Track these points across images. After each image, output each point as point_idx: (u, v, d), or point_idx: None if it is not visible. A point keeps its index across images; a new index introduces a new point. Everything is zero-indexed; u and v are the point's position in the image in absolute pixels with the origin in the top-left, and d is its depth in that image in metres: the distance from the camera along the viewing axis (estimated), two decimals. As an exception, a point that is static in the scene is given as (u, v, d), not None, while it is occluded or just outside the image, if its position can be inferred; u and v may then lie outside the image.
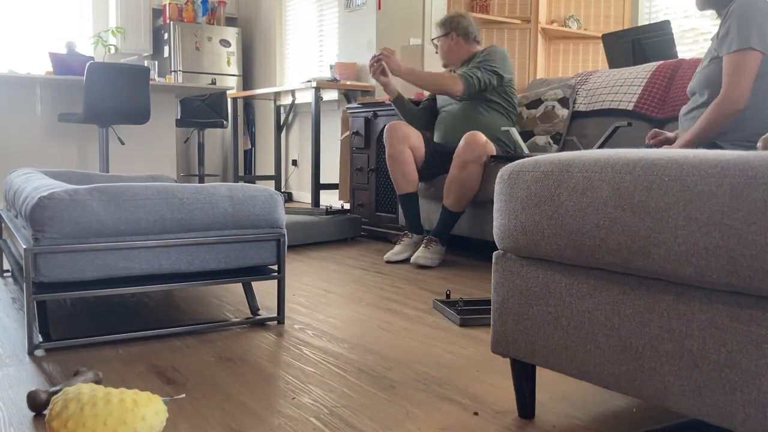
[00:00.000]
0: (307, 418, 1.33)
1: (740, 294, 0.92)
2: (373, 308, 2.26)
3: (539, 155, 1.24)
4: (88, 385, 1.18)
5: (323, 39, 6.45)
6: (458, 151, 3.04)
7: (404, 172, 3.19)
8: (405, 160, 3.17)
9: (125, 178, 2.80)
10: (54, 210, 1.65)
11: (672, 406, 1.01)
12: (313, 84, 5.09)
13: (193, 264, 1.86)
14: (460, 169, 3.02)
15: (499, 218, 1.26)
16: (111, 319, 2.06)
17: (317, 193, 5.13)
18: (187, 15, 7.09)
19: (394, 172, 3.22)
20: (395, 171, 3.21)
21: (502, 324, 1.29)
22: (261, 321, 2.04)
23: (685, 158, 0.98)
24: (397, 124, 3.22)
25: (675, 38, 3.43)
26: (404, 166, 3.18)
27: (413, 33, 5.53)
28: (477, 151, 3.00)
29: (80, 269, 1.70)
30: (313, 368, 1.63)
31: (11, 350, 1.73)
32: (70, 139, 4.74)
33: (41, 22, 6.95)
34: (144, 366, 1.62)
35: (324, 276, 2.83)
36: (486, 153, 3.03)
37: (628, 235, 1.02)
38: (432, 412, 1.36)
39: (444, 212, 3.11)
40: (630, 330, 1.06)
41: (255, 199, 1.93)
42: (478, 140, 3.02)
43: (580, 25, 4.82)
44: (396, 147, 3.17)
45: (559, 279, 1.17)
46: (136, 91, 4.24)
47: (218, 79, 7.13)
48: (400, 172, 3.19)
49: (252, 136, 7.53)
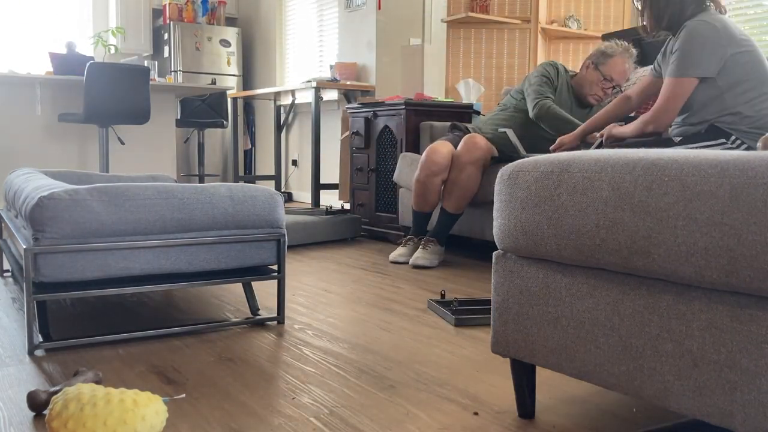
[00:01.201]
0: (307, 418, 1.33)
1: (740, 294, 0.92)
2: (373, 308, 2.26)
3: (540, 156, 1.24)
4: (88, 385, 1.18)
5: (323, 39, 6.45)
6: (456, 154, 3.04)
7: (428, 198, 3.16)
8: (433, 191, 3.14)
9: (125, 178, 2.80)
10: (54, 210, 1.65)
11: (672, 406, 1.01)
12: (313, 84, 5.09)
13: (193, 264, 1.86)
14: (459, 171, 3.02)
15: (499, 218, 1.26)
16: (111, 319, 2.06)
17: (317, 193, 5.13)
18: (187, 15, 7.09)
19: (418, 195, 3.17)
20: (420, 195, 3.16)
21: (502, 324, 1.29)
22: (261, 321, 2.04)
23: (685, 158, 0.98)
24: (436, 152, 3.11)
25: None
26: (430, 194, 3.15)
27: (413, 33, 5.53)
28: (475, 154, 3.01)
29: (80, 269, 1.70)
30: (313, 368, 1.63)
31: (11, 350, 1.73)
32: (70, 139, 4.74)
33: (41, 22, 6.95)
34: (144, 366, 1.62)
35: (324, 276, 2.83)
36: (484, 156, 3.03)
37: (628, 235, 1.02)
38: (432, 412, 1.36)
39: (443, 214, 3.11)
40: (630, 330, 1.06)
41: (255, 199, 1.93)
42: (477, 143, 3.02)
43: (580, 25, 4.82)
44: (429, 178, 3.12)
45: (559, 279, 1.17)
46: (136, 91, 4.24)
47: (218, 79, 7.13)
48: (424, 197, 3.16)
49: (252, 136, 7.53)
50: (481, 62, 4.71)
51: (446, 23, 4.71)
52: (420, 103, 3.77)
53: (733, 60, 2.15)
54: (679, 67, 2.19)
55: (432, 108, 3.82)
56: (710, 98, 2.20)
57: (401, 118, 3.74)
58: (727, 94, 2.17)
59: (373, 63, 5.52)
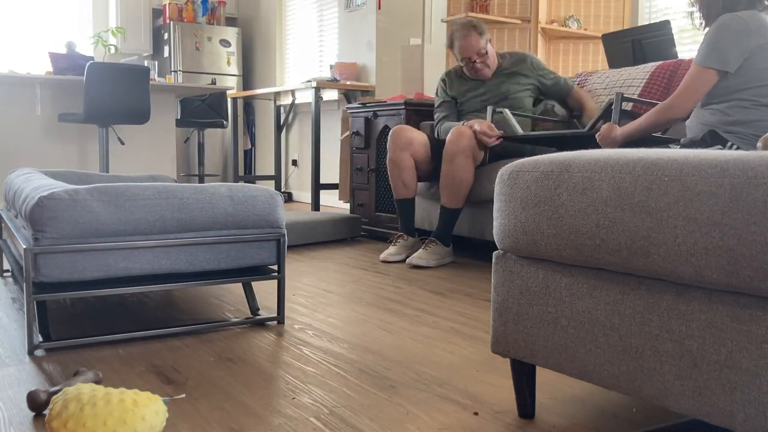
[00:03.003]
0: (307, 418, 1.33)
1: (740, 294, 0.92)
2: (373, 308, 2.26)
3: (540, 156, 1.24)
4: (88, 385, 1.18)
5: (323, 39, 6.44)
6: (446, 145, 3.05)
7: (403, 178, 3.19)
8: (405, 167, 3.17)
9: (125, 178, 2.80)
10: (54, 210, 1.65)
11: (672, 406, 1.01)
12: (313, 84, 5.09)
13: (193, 264, 1.86)
14: (449, 162, 3.02)
15: (499, 218, 1.26)
16: (111, 319, 2.06)
17: (317, 193, 5.13)
18: (187, 15, 7.09)
19: (393, 177, 3.21)
20: (395, 176, 3.21)
21: (502, 324, 1.29)
22: (261, 321, 2.04)
23: (685, 158, 0.98)
24: (401, 129, 3.21)
25: (675, 38, 3.43)
26: (404, 172, 3.18)
27: (413, 33, 5.53)
28: (462, 142, 3.01)
29: (80, 269, 1.70)
30: (313, 368, 1.63)
31: (11, 350, 1.73)
32: (70, 139, 4.74)
33: (41, 22, 6.95)
34: (144, 366, 1.62)
35: (324, 276, 2.83)
36: (471, 145, 3.02)
37: (628, 235, 1.02)
38: (432, 412, 1.36)
39: (442, 211, 3.11)
40: (630, 330, 1.06)
41: (255, 199, 1.93)
42: (463, 132, 3.02)
43: (580, 25, 4.82)
44: (397, 153, 3.17)
45: (559, 279, 1.17)
46: (136, 91, 4.24)
47: (218, 79, 7.13)
48: (399, 178, 3.20)
49: (252, 136, 7.53)
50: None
51: (446, 23, 4.71)
52: (420, 103, 3.77)
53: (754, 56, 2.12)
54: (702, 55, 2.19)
55: (432, 108, 3.82)
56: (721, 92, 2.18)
57: (401, 118, 3.74)
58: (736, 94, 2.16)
59: (373, 63, 5.52)
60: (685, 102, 2.21)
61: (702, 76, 2.18)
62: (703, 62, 2.17)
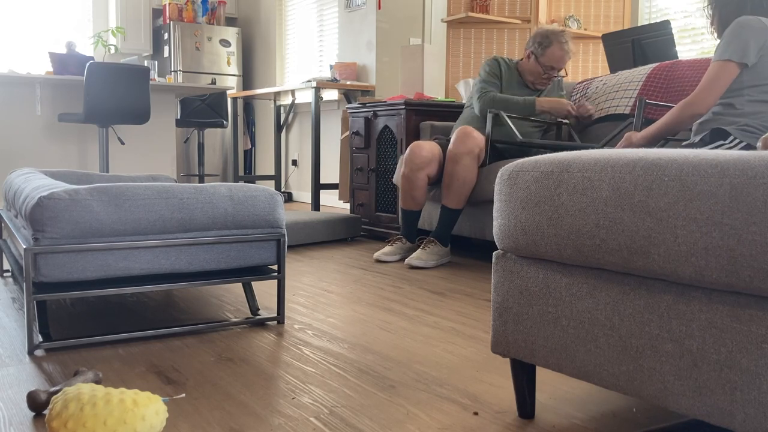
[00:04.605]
0: (307, 418, 1.33)
1: (740, 294, 0.92)
2: (372, 308, 2.26)
3: (540, 156, 1.24)
4: (88, 385, 1.18)
5: (323, 39, 6.44)
6: (450, 148, 3.06)
7: (414, 195, 3.19)
8: (419, 186, 3.17)
9: (125, 178, 2.80)
10: (54, 210, 1.65)
11: (672, 406, 1.01)
12: (313, 84, 5.09)
13: (192, 264, 1.86)
14: (455, 163, 3.03)
15: (499, 218, 1.26)
16: (111, 319, 2.06)
17: (317, 193, 5.13)
18: (187, 15, 7.09)
19: (404, 191, 3.21)
20: (406, 191, 3.20)
21: (502, 324, 1.29)
22: (261, 321, 2.04)
23: (685, 158, 0.98)
24: (420, 148, 3.16)
25: (675, 38, 3.43)
26: (416, 191, 3.18)
27: (413, 33, 5.54)
28: (469, 144, 3.01)
29: (80, 269, 1.70)
30: (313, 368, 1.63)
31: (11, 350, 1.73)
32: (70, 139, 4.74)
33: (41, 22, 6.95)
34: (144, 366, 1.62)
35: (324, 276, 2.83)
36: (478, 146, 3.03)
37: (628, 235, 1.02)
38: (432, 412, 1.36)
39: (443, 211, 3.11)
40: (630, 330, 1.06)
41: (255, 199, 1.93)
42: (469, 133, 3.03)
43: (580, 25, 4.82)
44: (414, 172, 3.16)
45: (559, 279, 1.17)
46: (136, 91, 4.24)
47: (218, 79, 7.13)
48: (410, 193, 3.19)
49: (252, 136, 7.53)
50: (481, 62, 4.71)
51: (446, 23, 4.71)
52: (420, 103, 3.77)
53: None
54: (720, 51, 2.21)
55: (432, 108, 3.82)
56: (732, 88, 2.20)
57: (401, 118, 3.74)
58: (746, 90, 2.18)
59: (373, 63, 5.52)
60: (707, 96, 2.22)
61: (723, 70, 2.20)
62: (723, 56, 2.19)
